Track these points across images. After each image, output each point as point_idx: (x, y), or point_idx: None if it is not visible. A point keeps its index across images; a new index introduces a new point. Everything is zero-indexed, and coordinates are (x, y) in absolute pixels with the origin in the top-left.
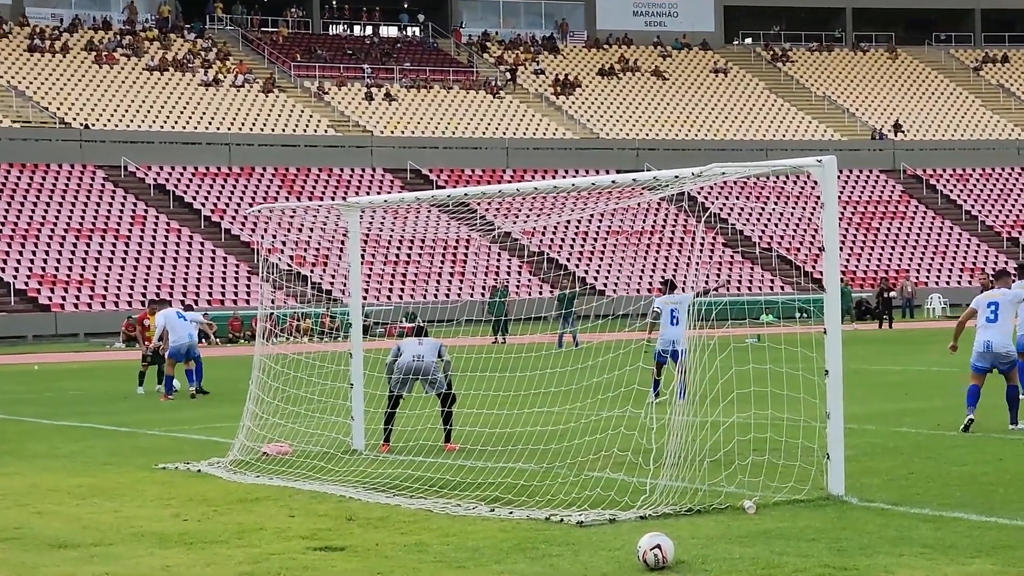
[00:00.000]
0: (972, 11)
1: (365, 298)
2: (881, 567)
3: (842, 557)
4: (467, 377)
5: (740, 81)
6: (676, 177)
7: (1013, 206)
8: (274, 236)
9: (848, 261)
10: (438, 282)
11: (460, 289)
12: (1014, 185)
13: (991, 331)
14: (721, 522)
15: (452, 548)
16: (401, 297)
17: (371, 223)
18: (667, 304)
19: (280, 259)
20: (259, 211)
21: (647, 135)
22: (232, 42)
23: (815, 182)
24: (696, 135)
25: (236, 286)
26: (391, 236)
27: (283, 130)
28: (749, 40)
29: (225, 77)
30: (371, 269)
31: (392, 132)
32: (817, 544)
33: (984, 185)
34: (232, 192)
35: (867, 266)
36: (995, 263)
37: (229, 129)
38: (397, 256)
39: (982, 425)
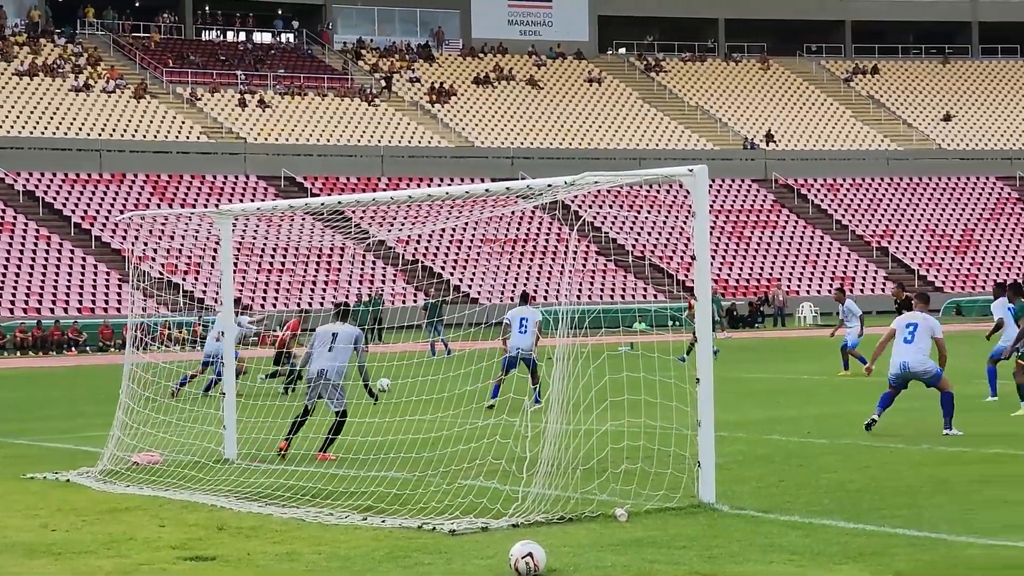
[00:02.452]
0: (843, 23)
1: (238, 307)
2: (751, 574)
3: (712, 564)
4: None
5: (614, 90)
6: (549, 186)
7: (883, 216)
8: (145, 244)
9: (720, 270)
10: (312, 290)
11: (335, 298)
12: (883, 195)
13: (908, 352)
14: (593, 530)
15: (324, 557)
16: (275, 305)
17: (244, 231)
18: (516, 315)
19: (151, 267)
20: (130, 218)
21: (521, 144)
22: (103, 47)
23: (687, 191)
24: (570, 144)
25: (107, 294)
26: (264, 244)
27: (155, 136)
28: (623, 50)
29: (96, 83)
30: (244, 277)
31: (266, 139)
32: (688, 551)
33: (854, 195)
34: (103, 199)
35: (739, 275)
36: (864, 272)
37: (100, 135)
38: (271, 264)
39: (850, 433)
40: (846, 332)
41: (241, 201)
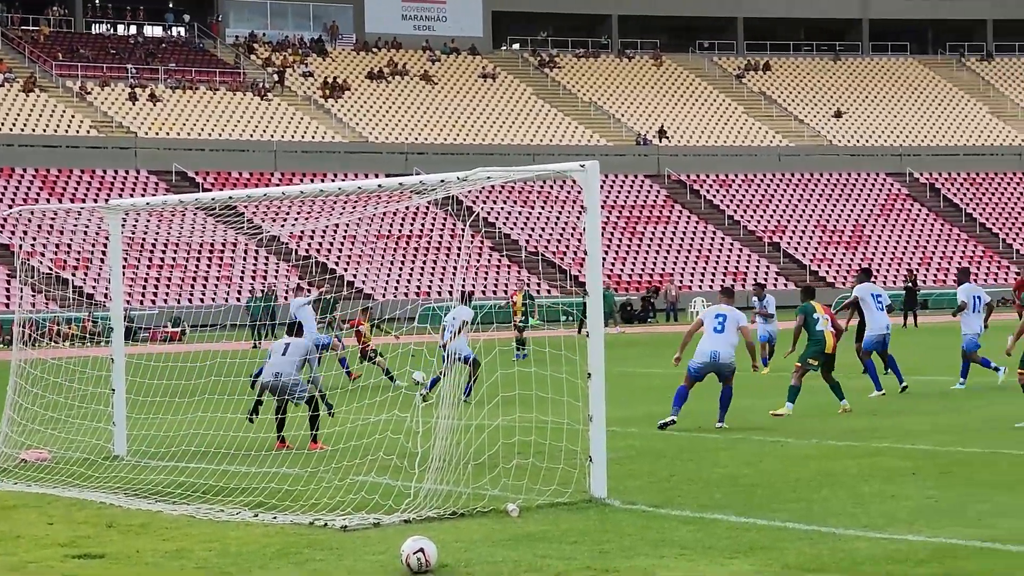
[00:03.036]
0: (735, 20)
1: (128, 302)
2: (642, 568)
3: (604, 559)
4: (231, 381)
5: (508, 86)
6: (442, 181)
7: (774, 212)
8: (34, 239)
9: (613, 265)
10: (204, 286)
11: (227, 293)
12: (775, 191)
13: (719, 341)
14: (485, 525)
15: (215, 554)
16: (165, 301)
17: (135, 226)
18: (452, 314)
19: (40, 262)
20: (19, 213)
21: (416, 139)
22: None
23: (579, 187)
24: (464, 139)
25: None
26: (155, 240)
27: (44, 130)
28: (517, 46)
29: None
30: (134, 273)
31: (157, 134)
32: (579, 546)
33: (746, 191)
34: None
35: (632, 270)
36: (756, 267)
37: None
38: (162, 260)
39: (741, 428)
40: (759, 326)
41: (132, 196)
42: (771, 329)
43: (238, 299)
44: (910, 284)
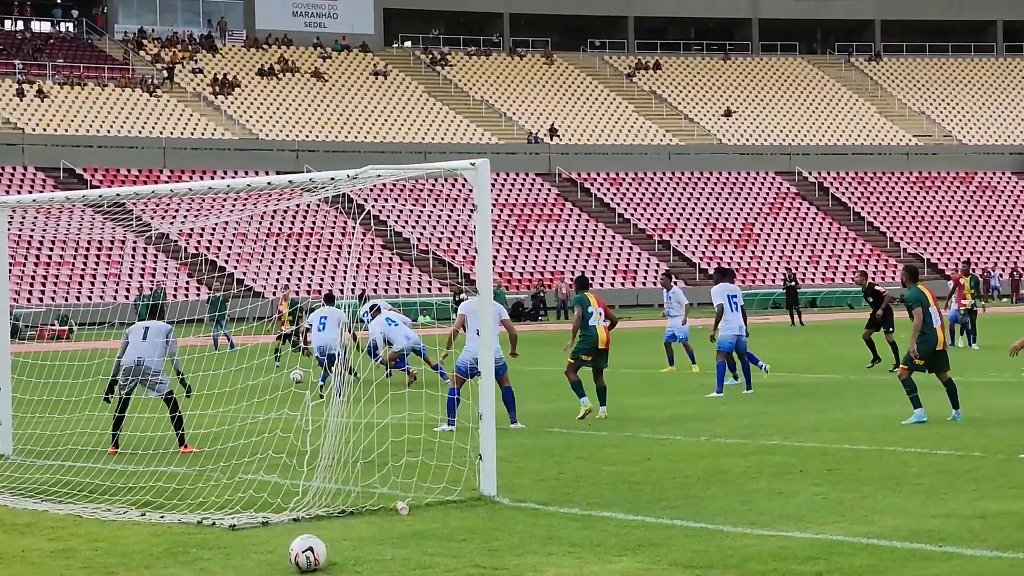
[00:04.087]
0: (626, 18)
1: (16, 300)
2: (530, 566)
3: (493, 557)
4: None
5: (399, 84)
6: (332, 179)
7: (664, 209)
8: None
9: (505, 263)
10: (92, 284)
11: (116, 291)
12: (665, 189)
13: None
14: (374, 523)
15: (101, 554)
16: (53, 299)
17: (22, 224)
18: (318, 314)
19: None
20: None
21: (307, 136)
22: None
23: (471, 186)
24: (356, 137)
25: None
26: (43, 237)
27: None
28: (408, 43)
29: None
30: (22, 270)
31: (44, 130)
32: (468, 544)
33: (637, 189)
34: None
35: (523, 268)
36: (647, 266)
37: None
38: (49, 257)
39: (631, 425)
40: (668, 322)
41: (18, 192)
42: (676, 325)
43: (126, 297)
44: (791, 283)
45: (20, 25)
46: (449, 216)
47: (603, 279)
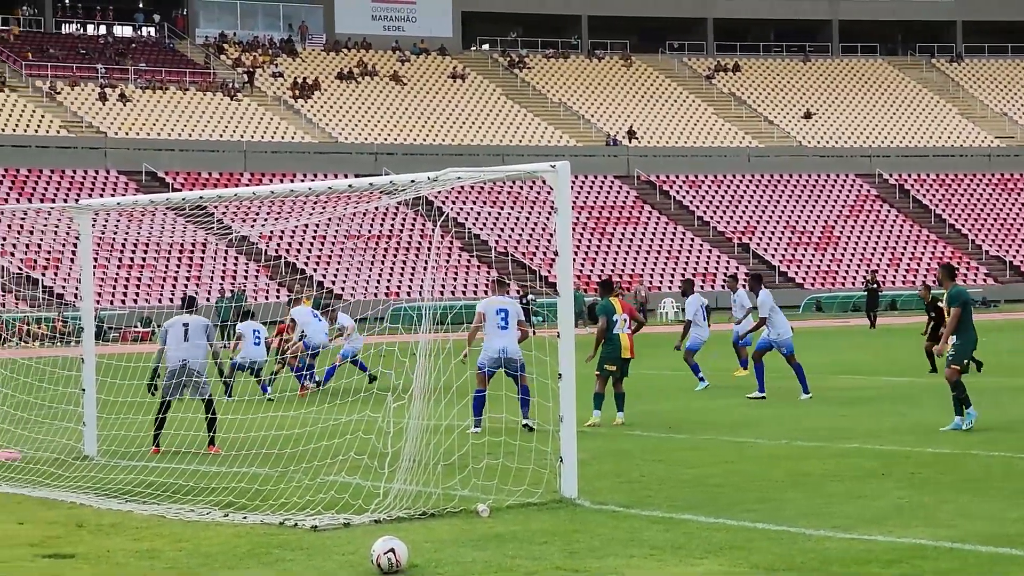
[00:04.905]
0: (704, 20)
1: (98, 302)
2: (612, 568)
3: (574, 559)
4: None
5: (477, 87)
6: (412, 181)
7: (744, 212)
8: (4, 239)
9: (583, 266)
10: (174, 286)
11: (197, 294)
12: (744, 192)
13: (506, 337)
14: (455, 525)
15: (185, 554)
16: (136, 301)
17: (104, 226)
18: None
19: (10, 262)
20: None
21: (385, 139)
22: None
23: (549, 187)
24: (434, 140)
25: None
26: (125, 240)
27: (13, 130)
28: (486, 46)
29: None
30: (105, 273)
31: (127, 134)
32: (549, 547)
33: (716, 191)
34: None
35: (601, 270)
36: (726, 268)
37: None
38: (132, 260)
39: (710, 428)
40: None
41: (101, 196)
42: (738, 330)
43: (207, 299)
44: (873, 286)
45: (103, 30)
46: (527, 218)
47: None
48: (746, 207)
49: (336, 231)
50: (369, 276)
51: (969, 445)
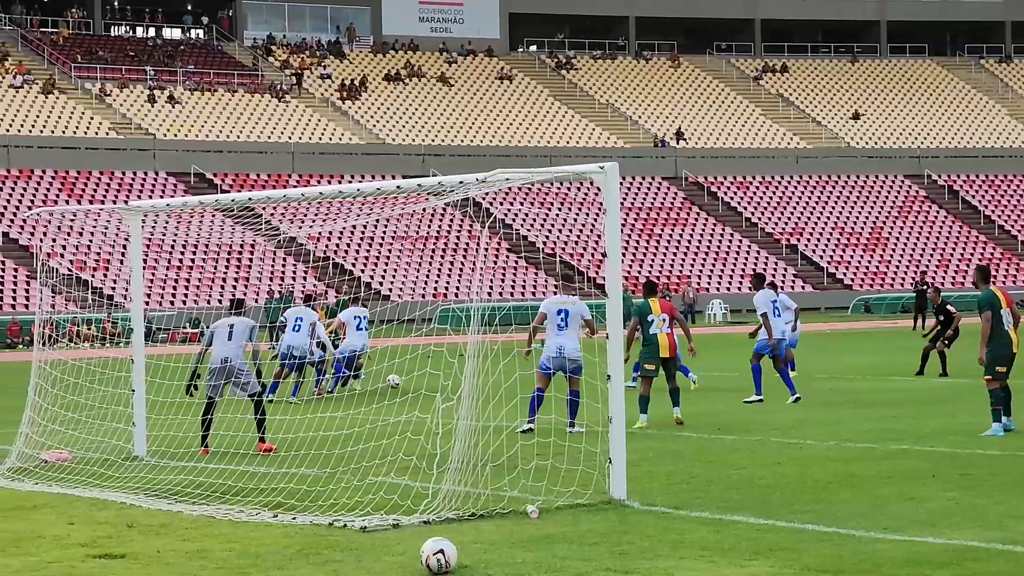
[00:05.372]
0: (752, 21)
1: (147, 303)
2: (662, 570)
3: (623, 560)
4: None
5: (525, 88)
6: (461, 182)
7: (792, 214)
8: (54, 240)
9: (631, 267)
10: (222, 287)
11: (245, 295)
12: (792, 193)
13: (563, 337)
14: (504, 527)
15: (235, 554)
16: (184, 302)
17: (154, 228)
18: (293, 313)
19: (60, 263)
20: (38, 214)
21: (433, 140)
22: (11, 42)
23: (598, 188)
24: (481, 141)
25: (15, 290)
26: (174, 241)
27: (63, 132)
28: (534, 47)
29: (3, 78)
30: (154, 274)
31: (175, 135)
32: (599, 548)
33: (764, 193)
34: (11, 194)
35: (649, 272)
36: (774, 269)
37: (7, 131)
38: (180, 261)
39: (759, 429)
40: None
41: (150, 197)
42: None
43: (256, 300)
44: (923, 287)
45: (151, 32)
46: (575, 220)
47: (730, 283)
48: (794, 208)
49: (384, 232)
50: (417, 277)
51: (1018, 447)
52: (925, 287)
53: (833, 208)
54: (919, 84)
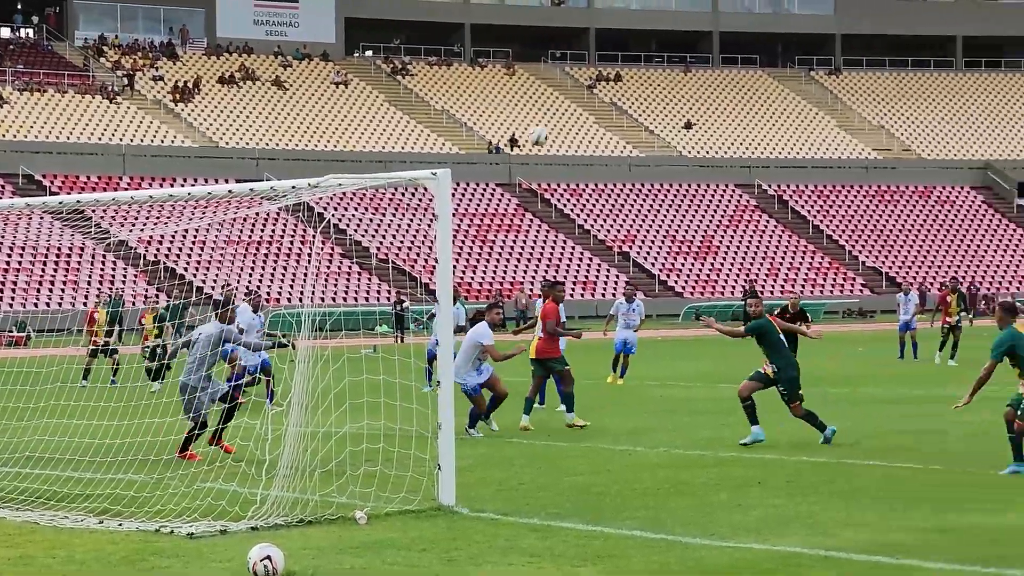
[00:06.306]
0: (587, 30)
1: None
2: None
3: (452, 567)
4: (75, 389)
5: (360, 93)
6: (293, 187)
7: (624, 221)
8: None
9: (464, 273)
10: (50, 290)
11: (74, 298)
12: (625, 200)
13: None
14: (332, 533)
15: (59, 561)
16: (11, 305)
17: None
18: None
19: None
20: None
21: (267, 144)
22: None
23: (431, 195)
24: (316, 145)
25: None
26: (1, 243)
27: None
28: (370, 52)
29: None
30: None
31: (3, 136)
32: (427, 554)
33: (597, 200)
34: None
35: (483, 278)
36: (606, 276)
37: None
38: (7, 263)
39: (593, 436)
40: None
41: None
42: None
43: (84, 304)
44: (752, 295)
45: None
46: (409, 225)
47: (562, 291)
48: (627, 216)
49: (216, 236)
50: (249, 282)
51: (845, 455)
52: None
53: (665, 216)
54: (751, 95)
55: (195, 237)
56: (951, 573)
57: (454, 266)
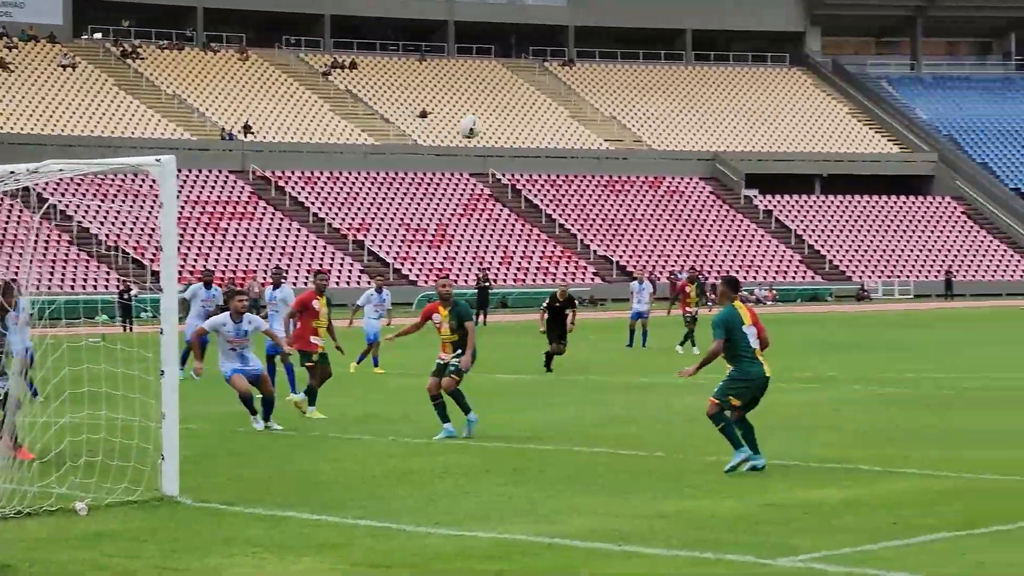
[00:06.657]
0: (322, 16)
1: None
2: (212, 567)
3: (173, 558)
4: None
5: (88, 76)
6: (12, 172)
7: (359, 209)
8: None
9: (196, 261)
10: None
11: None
12: (360, 189)
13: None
14: (51, 524)
15: None
16: None
17: None
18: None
19: None
20: None
21: None
22: None
23: (154, 181)
24: (43, 129)
25: None
26: None
27: None
28: (99, 35)
29: None
30: None
31: None
32: (149, 545)
33: (331, 188)
34: None
35: (215, 266)
36: (340, 264)
37: None
38: None
39: (323, 425)
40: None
41: None
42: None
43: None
44: (485, 284)
45: None
46: (138, 212)
47: (296, 279)
48: (361, 204)
49: None
50: None
51: (572, 442)
52: (487, 284)
53: (400, 204)
54: (485, 84)
55: None
56: (669, 558)
57: (184, 254)
